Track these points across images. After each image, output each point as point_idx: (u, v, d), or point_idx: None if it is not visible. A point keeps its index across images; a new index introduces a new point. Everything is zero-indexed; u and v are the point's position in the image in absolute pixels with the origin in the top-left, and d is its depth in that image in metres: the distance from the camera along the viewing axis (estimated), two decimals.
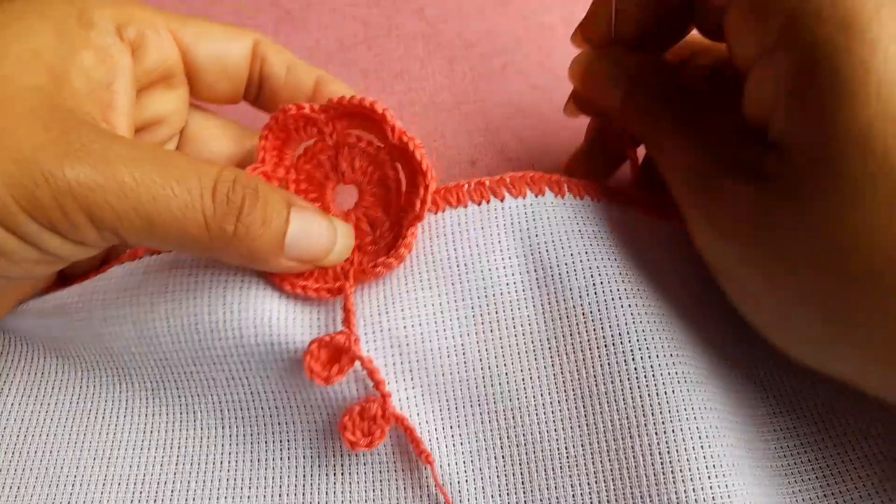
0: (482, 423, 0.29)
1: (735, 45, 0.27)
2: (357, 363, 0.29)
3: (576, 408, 0.29)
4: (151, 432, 0.31)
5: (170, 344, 0.30)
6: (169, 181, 0.25)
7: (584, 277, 0.30)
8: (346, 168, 0.31)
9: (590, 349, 0.29)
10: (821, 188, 0.23)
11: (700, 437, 0.27)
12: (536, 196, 0.31)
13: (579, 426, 0.28)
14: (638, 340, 0.29)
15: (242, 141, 0.36)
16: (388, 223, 0.30)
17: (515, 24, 0.50)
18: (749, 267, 0.26)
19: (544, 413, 0.29)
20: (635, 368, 0.28)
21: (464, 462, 0.29)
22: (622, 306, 0.29)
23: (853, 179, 0.22)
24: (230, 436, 0.31)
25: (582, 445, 0.28)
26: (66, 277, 0.33)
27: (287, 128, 0.30)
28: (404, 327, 0.30)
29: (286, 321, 0.29)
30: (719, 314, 0.32)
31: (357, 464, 0.30)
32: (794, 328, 0.26)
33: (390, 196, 0.31)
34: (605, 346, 0.29)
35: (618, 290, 0.29)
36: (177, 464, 0.30)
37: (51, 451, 0.30)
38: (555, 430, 0.29)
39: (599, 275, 0.30)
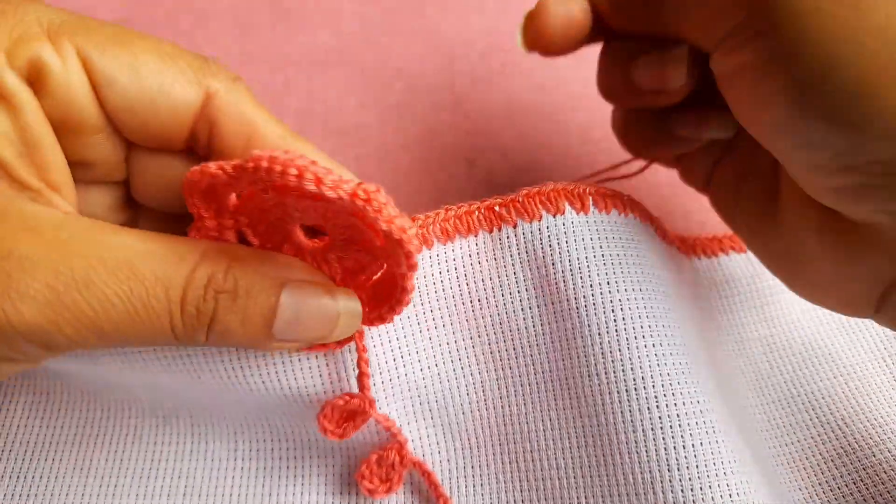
0: (503, 463, 0.28)
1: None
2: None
3: (595, 456, 0.27)
4: (160, 461, 0.30)
5: (176, 389, 0.28)
6: (132, 301, 0.21)
7: (605, 312, 0.27)
8: (297, 215, 0.24)
9: (609, 393, 0.26)
10: None
11: (731, 496, 0.25)
12: (554, 216, 0.28)
13: (598, 477, 0.26)
14: (662, 386, 0.26)
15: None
16: (372, 261, 0.25)
17: (516, 23, 0.49)
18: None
19: (563, 460, 0.27)
20: (659, 417, 0.26)
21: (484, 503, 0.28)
22: (645, 346, 0.26)
23: None
24: (242, 468, 0.30)
25: (602, 497, 0.26)
26: None
27: (209, 189, 0.24)
28: (421, 369, 0.28)
29: (294, 372, 0.27)
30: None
31: None
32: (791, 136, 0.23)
33: (363, 235, 0.24)
34: (627, 390, 0.26)
35: (641, 327, 0.27)
36: (185, 495, 0.29)
37: (55, 477, 0.29)
38: (574, 478, 0.27)
39: (622, 309, 0.27)
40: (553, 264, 0.27)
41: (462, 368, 0.28)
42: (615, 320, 0.27)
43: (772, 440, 0.31)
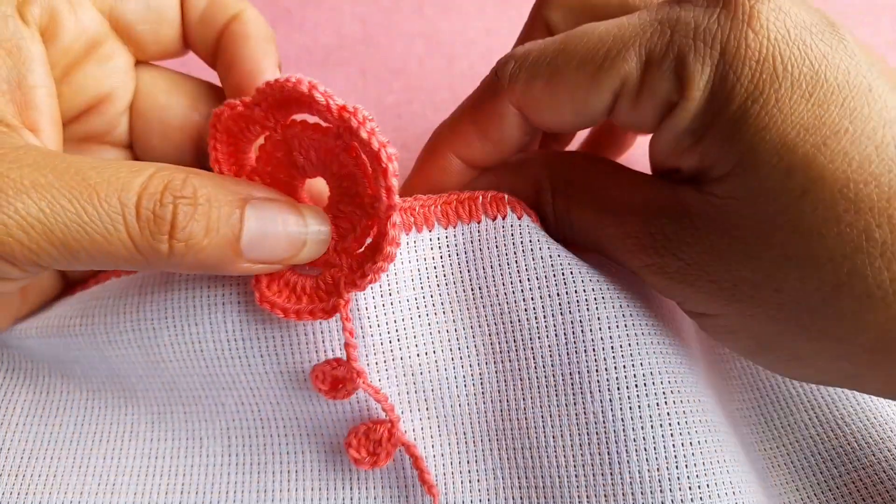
0: (500, 458, 0.27)
1: (633, 123, 0.26)
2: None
3: (599, 454, 0.26)
4: (156, 458, 0.30)
5: (177, 369, 0.28)
6: (82, 204, 0.21)
7: (615, 307, 0.26)
8: (303, 161, 0.26)
9: (618, 389, 0.26)
10: (752, 213, 0.22)
11: (734, 493, 0.25)
12: None
13: (602, 474, 0.26)
14: (670, 382, 0.26)
15: (199, 102, 0.31)
16: (364, 217, 0.26)
17: (515, 23, 0.49)
18: (724, 308, 0.25)
19: (564, 456, 0.26)
20: (668, 413, 0.25)
21: (479, 500, 0.27)
22: (652, 342, 0.26)
23: (779, 200, 0.22)
24: (237, 464, 0.29)
25: (605, 496, 0.26)
26: (70, 280, 0.32)
27: (230, 130, 0.26)
28: (417, 354, 0.27)
29: (291, 345, 0.27)
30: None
31: (365, 498, 0.28)
32: (778, 351, 0.25)
33: (357, 185, 0.25)
34: (636, 385, 0.26)
35: (647, 324, 0.26)
36: (181, 492, 0.29)
37: (55, 476, 0.29)
38: (576, 475, 0.26)
39: (629, 306, 0.27)
40: (559, 255, 0.27)
41: (461, 358, 0.28)
42: (623, 316, 0.26)
43: (769, 441, 0.31)
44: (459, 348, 0.28)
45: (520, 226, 0.27)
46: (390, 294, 0.27)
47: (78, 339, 0.29)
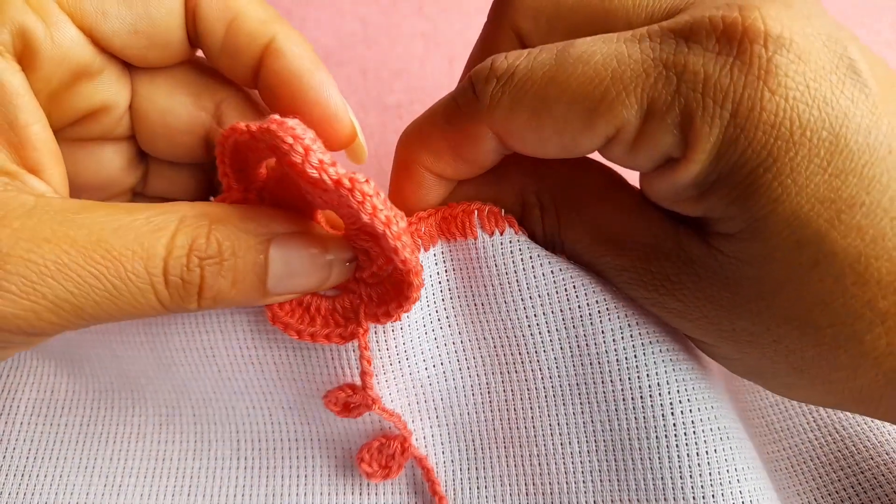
0: (507, 466, 0.28)
1: (625, 165, 0.24)
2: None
3: (606, 461, 0.26)
4: (164, 460, 0.30)
5: (187, 372, 0.28)
6: (110, 280, 0.21)
7: (619, 318, 0.26)
8: (310, 197, 0.24)
9: (623, 400, 0.26)
10: (756, 276, 0.22)
11: (743, 503, 0.25)
12: None
13: (609, 481, 0.26)
14: (678, 391, 0.26)
15: (203, 99, 0.29)
16: (382, 255, 0.24)
17: None
18: (721, 343, 0.25)
19: (572, 463, 0.27)
20: (674, 424, 0.25)
21: None
22: (659, 351, 0.26)
23: (786, 269, 0.22)
24: (245, 468, 0.30)
25: (612, 502, 0.26)
26: None
27: (238, 150, 0.24)
28: (426, 368, 0.28)
29: (304, 359, 0.27)
30: None
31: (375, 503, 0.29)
32: (771, 380, 0.25)
33: (367, 226, 0.23)
34: (641, 396, 0.26)
35: (653, 332, 0.26)
36: (189, 495, 0.29)
37: (60, 476, 0.29)
38: (583, 482, 0.27)
39: (634, 315, 0.26)
40: (561, 269, 0.27)
41: (468, 369, 0.28)
42: (629, 326, 0.26)
43: (771, 444, 0.31)
44: (466, 359, 0.28)
45: (518, 241, 0.27)
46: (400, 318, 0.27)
47: (94, 335, 0.29)
